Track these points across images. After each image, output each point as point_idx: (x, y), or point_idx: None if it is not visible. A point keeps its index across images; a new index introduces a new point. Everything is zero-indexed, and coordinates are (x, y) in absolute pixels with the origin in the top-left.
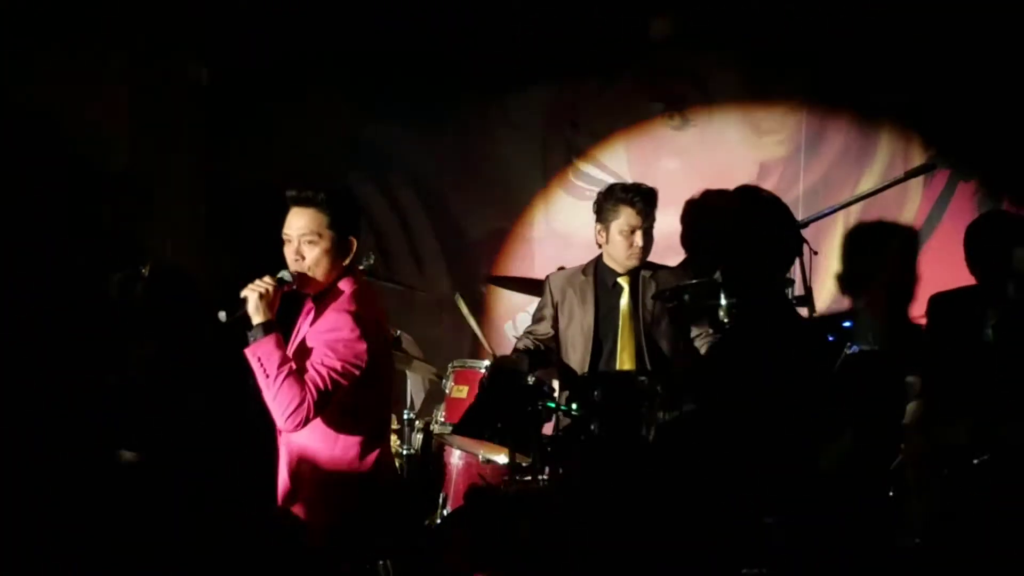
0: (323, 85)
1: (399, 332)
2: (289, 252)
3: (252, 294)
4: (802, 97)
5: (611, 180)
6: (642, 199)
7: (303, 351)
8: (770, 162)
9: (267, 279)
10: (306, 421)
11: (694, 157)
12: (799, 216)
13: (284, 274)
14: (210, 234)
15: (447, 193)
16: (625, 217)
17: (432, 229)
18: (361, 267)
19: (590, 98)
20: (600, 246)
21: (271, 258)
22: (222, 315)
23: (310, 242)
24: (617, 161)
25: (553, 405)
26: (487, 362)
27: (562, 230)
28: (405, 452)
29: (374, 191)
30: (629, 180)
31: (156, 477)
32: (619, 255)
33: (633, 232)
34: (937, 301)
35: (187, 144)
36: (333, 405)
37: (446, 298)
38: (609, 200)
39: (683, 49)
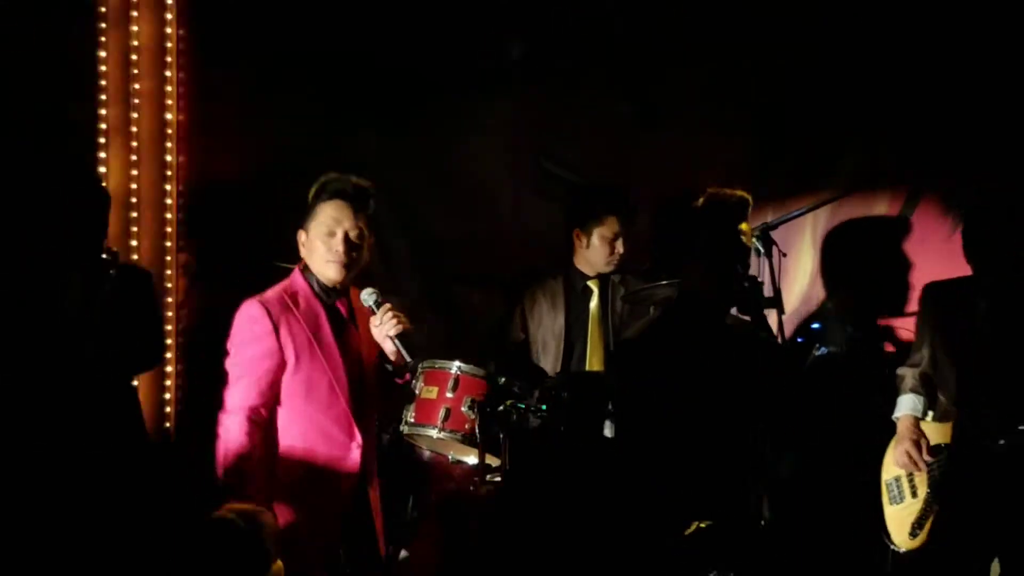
0: (293, 89)
1: None
2: (334, 244)
3: (404, 325)
4: (771, 100)
5: (578, 181)
6: (627, 207)
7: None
8: (738, 164)
9: (388, 308)
10: None
11: (662, 158)
12: (768, 218)
13: (368, 296)
14: (179, 235)
15: (415, 195)
16: (610, 224)
17: (400, 231)
18: None
19: (559, 99)
20: (575, 249)
21: (242, 256)
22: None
23: (362, 241)
24: (585, 163)
25: (523, 406)
26: (457, 363)
27: (530, 231)
28: None
29: None
30: (596, 182)
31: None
32: (598, 260)
33: (616, 239)
34: (930, 289)
35: (157, 145)
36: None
37: (415, 300)
38: (594, 205)
39: (652, 51)
